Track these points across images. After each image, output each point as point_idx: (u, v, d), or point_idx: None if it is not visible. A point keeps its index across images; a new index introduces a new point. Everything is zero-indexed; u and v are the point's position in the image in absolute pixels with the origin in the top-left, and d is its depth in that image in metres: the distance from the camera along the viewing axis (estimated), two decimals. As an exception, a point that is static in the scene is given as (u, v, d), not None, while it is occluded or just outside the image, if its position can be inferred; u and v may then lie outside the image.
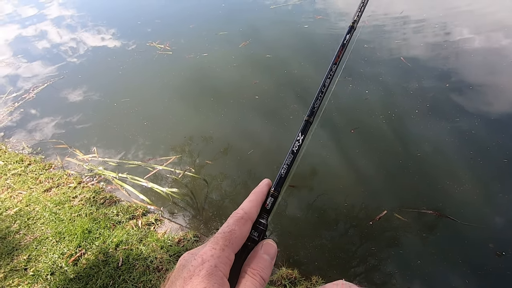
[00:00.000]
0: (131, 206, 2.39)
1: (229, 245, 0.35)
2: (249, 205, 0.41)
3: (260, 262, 0.36)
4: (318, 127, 3.00)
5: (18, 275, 1.89)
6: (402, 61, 3.61)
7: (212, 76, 3.84)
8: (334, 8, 5.14)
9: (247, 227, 0.38)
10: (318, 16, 4.85)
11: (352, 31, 0.58)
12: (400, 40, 4.03)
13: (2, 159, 2.97)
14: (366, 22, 4.52)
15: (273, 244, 0.38)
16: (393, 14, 4.69)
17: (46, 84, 4.31)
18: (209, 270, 0.32)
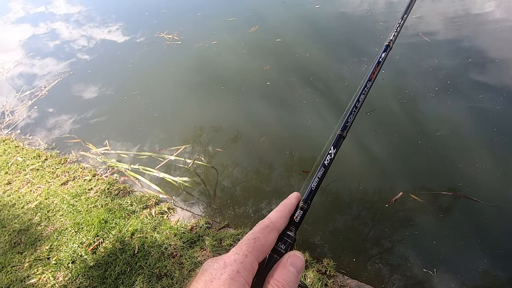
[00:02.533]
0: (144, 196, 2.48)
1: (253, 252, 0.35)
2: (276, 215, 0.40)
3: (285, 274, 0.35)
4: (332, 110, 2.97)
5: (42, 264, 2.03)
6: (420, 37, 3.46)
7: (222, 64, 3.84)
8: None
9: (273, 236, 0.38)
10: (331, -8, 4.70)
11: (388, 50, 0.58)
12: (418, 15, 3.84)
13: (20, 155, 3.14)
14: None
15: (301, 257, 0.37)
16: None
17: (57, 81, 4.47)
18: (230, 274, 0.31)
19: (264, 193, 2.37)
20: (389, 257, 1.85)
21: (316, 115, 2.85)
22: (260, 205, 2.33)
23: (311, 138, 2.65)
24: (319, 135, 2.64)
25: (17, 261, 2.07)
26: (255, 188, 2.44)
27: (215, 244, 2.00)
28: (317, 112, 2.87)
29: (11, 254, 2.11)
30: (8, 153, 3.18)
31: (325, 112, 2.86)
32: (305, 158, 2.50)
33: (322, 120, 2.80)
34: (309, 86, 3.16)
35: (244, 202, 2.38)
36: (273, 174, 2.47)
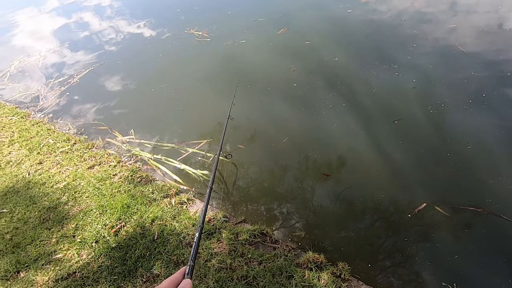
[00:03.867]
0: (165, 185, 2.59)
1: None
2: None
3: None
4: (359, 115, 2.98)
5: (68, 241, 2.17)
6: (456, 47, 3.38)
7: (249, 63, 3.93)
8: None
9: None
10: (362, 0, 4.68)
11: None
12: (455, 24, 3.76)
13: (51, 138, 3.36)
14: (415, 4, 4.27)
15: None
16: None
17: (88, 69, 4.73)
18: None
19: (281, 193, 2.41)
20: (406, 267, 1.84)
21: (341, 119, 2.86)
22: (277, 204, 2.38)
23: (334, 142, 2.67)
24: (343, 140, 2.65)
25: (45, 236, 2.23)
26: (273, 187, 2.49)
27: (232, 237, 2.06)
28: (343, 117, 2.88)
29: (40, 229, 2.28)
30: (40, 135, 3.41)
31: (350, 118, 2.86)
32: (327, 162, 2.52)
33: (347, 125, 2.80)
34: (335, 90, 3.18)
35: (261, 200, 2.43)
36: (293, 175, 2.51)
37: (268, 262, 1.89)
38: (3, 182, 2.76)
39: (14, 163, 3.00)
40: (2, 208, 2.47)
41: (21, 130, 3.51)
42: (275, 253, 1.96)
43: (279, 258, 1.92)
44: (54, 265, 1.99)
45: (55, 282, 1.87)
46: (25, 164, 2.98)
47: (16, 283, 1.89)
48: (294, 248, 2.01)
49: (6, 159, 3.06)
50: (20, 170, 2.90)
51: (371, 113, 2.84)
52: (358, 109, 2.93)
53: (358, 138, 2.63)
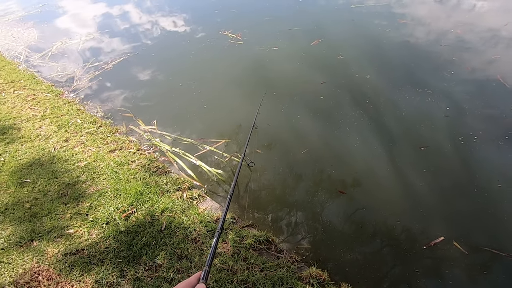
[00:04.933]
0: (179, 178, 2.66)
1: None
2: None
3: None
4: (383, 137, 2.91)
5: (81, 218, 2.28)
6: (498, 79, 3.25)
7: (279, 70, 3.98)
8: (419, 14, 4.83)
9: None
10: (401, 20, 4.62)
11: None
12: (498, 56, 3.62)
13: (80, 118, 3.55)
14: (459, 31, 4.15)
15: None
16: (494, 26, 4.22)
17: (122, 58, 4.97)
18: None
19: (293, 203, 2.40)
20: (415, 301, 1.77)
21: (364, 138, 2.82)
22: (286, 214, 2.37)
23: (354, 160, 2.63)
24: (363, 159, 2.61)
25: (60, 210, 2.34)
26: (285, 196, 2.48)
27: (237, 240, 2.08)
28: (367, 136, 2.84)
29: (57, 203, 2.40)
30: (70, 114, 3.61)
31: (374, 138, 2.81)
32: (344, 179, 2.49)
33: (370, 145, 2.76)
34: (363, 108, 3.14)
35: (271, 207, 2.43)
36: (307, 187, 2.49)
37: (270, 271, 1.88)
38: (31, 154, 2.94)
39: (42, 137, 3.19)
40: (26, 178, 2.63)
41: (53, 107, 3.74)
42: (278, 263, 1.95)
43: (282, 269, 1.91)
44: (65, 239, 2.09)
45: (63, 256, 1.96)
46: (52, 139, 3.16)
47: (29, 251, 2.00)
48: (298, 261, 1.99)
49: (36, 132, 3.27)
50: (47, 144, 3.08)
51: (397, 136, 2.78)
52: (384, 130, 2.88)
53: (380, 160, 2.57)
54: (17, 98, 3.95)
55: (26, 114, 3.60)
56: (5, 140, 3.14)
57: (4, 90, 4.17)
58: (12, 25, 6.91)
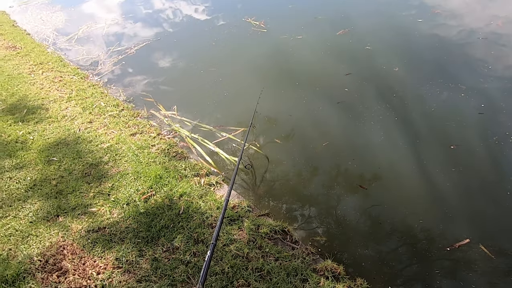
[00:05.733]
0: (197, 164, 2.69)
1: None
2: None
3: None
4: (410, 133, 2.79)
5: (103, 198, 2.36)
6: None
7: (302, 60, 3.88)
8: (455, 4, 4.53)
9: None
10: (436, 10, 4.35)
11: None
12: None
13: (103, 101, 3.64)
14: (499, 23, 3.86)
15: None
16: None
17: (145, 43, 5.03)
18: None
19: (310, 195, 2.37)
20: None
21: (389, 134, 2.71)
22: (303, 206, 2.35)
23: (378, 155, 2.55)
24: (387, 155, 2.52)
25: (84, 189, 2.44)
26: (303, 188, 2.46)
27: (253, 228, 2.09)
28: (392, 131, 2.73)
29: (81, 182, 2.50)
30: (94, 97, 3.72)
31: (400, 134, 2.70)
32: (366, 174, 2.42)
33: (395, 141, 2.65)
34: (389, 102, 3.01)
35: (287, 198, 2.42)
36: (326, 179, 2.45)
37: (285, 261, 1.89)
38: (57, 133, 3.06)
39: (68, 118, 3.31)
40: (53, 156, 2.75)
41: (79, 89, 3.85)
42: (293, 253, 1.95)
43: (297, 259, 1.90)
44: (88, 216, 2.18)
45: (86, 232, 2.05)
46: (77, 120, 3.27)
47: (55, 225, 2.11)
48: (313, 253, 1.98)
49: (62, 113, 3.39)
50: (73, 125, 3.19)
51: (425, 133, 2.65)
52: (411, 126, 2.75)
53: (405, 157, 2.48)
54: (45, 80, 4.10)
55: (53, 95, 3.74)
56: (34, 119, 3.28)
57: (34, 71, 4.34)
58: (41, 9, 7.13)
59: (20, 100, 3.63)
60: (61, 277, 1.74)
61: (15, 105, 3.54)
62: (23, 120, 3.26)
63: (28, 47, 5.14)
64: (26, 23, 6.47)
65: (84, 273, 1.77)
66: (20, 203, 2.28)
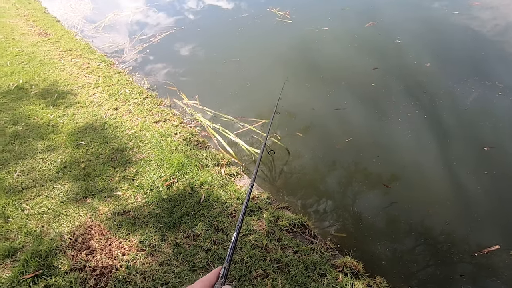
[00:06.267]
0: (218, 154, 2.72)
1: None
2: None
3: None
4: (440, 132, 2.69)
5: (128, 183, 2.44)
6: None
7: (328, 53, 3.79)
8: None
9: None
10: (475, 2, 4.09)
11: None
12: None
13: (128, 88, 3.73)
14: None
15: None
16: None
17: (169, 32, 5.07)
18: None
19: (331, 191, 2.34)
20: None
21: (418, 132, 2.61)
22: (324, 201, 2.33)
23: (404, 154, 2.47)
24: (414, 154, 2.44)
25: (110, 173, 2.53)
26: (324, 183, 2.43)
27: (272, 220, 2.10)
28: (420, 129, 2.63)
29: (108, 166, 2.59)
30: (120, 84, 3.81)
31: (429, 132, 2.60)
32: (390, 173, 2.36)
33: (423, 140, 2.56)
34: (418, 99, 2.90)
35: (308, 192, 2.40)
36: (348, 176, 2.41)
37: (304, 254, 1.89)
38: (85, 118, 3.18)
39: (95, 104, 3.42)
40: (81, 140, 2.86)
41: (105, 76, 3.96)
42: (312, 247, 1.95)
43: (315, 254, 1.90)
44: (114, 200, 2.27)
45: (112, 215, 2.13)
46: (104, 106, 3.38)
47: (83, 206, 2.21)
48: (332, 248, 1.97)
49: (90, 99, 3.51)
50: (100, 111, 3.30)
51: (456, 132, 2.53)
52: (442, 125, 2.64)
53: (433, 156, 2.38)
54: (74, 66, 4.25)
55: (82, 81, 3.87)
56: (64, 104, 3.42)
57: (63, 57, 4.50)
58: (70, -4, 7.33)
59: (51, 85, 3.79)
60: (89, 256, 1.84)
61: (47, 89, 3.70)
62: (54, 104, 3.41)
63: (58, 33, 5.32)
64: (56, 10, 6.70)
65: (110, 253, 1.86)
66: (52, 183, 2.40)
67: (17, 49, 4.71)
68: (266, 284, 1.76)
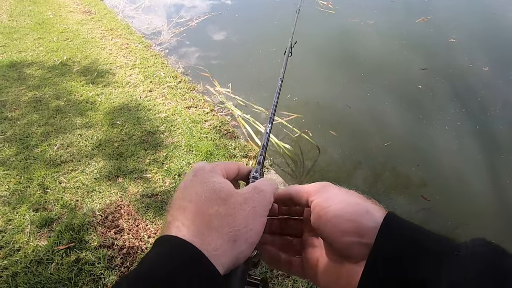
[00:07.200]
0: (246, 146, 2.68)
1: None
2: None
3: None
4: (494, 145, 2.43)
5: (157, 166, 2.49)
6: None
7: (372, 48, 3.56)
8: None
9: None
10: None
11: None
12: None
13: (163, 71, 3.77)
14: None
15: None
16: None
17: (206, 16, 5.04)
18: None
19: (364, 196, 2.23)
20: None
21: (467, 143, 2.39)
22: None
23: (448, 165, 2.27)
24: (460, 165, 2.24)
25: (141, 154, 2.59)
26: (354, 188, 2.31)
27: (298, 220, 2.04)
28: (470, 140, 2.40)
29: (139, 148, 2.65)
30: (155, 66, 3.86)
31: (480, 144, 2.37)
32: (431, 184, 2.19)
33: (472, 151, 2.33)
34: (472, 106, 2.64)
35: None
36: (384, 183, 2.27)
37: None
38: (121, 98, 3.27)
39: (131, 85, 3.50)
40: (116, 120, 2.95)
41: (142, 58, 4.03)
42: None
43: None
44: (143, 181, 2.32)
45: (141, 196, 2.19)
46: (139, 88, 3.45)
47: (115, 185, 2.29)
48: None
49: (127, 79, 3.60)
50: (135, 92, 3.38)
51: (503, 136, 2.29)
52: (496, 137, 2.39)
53: (481, 171, 2.17)
54: (114, 46, 4.36)
55: (120, 61, 3.96)
56: (103, 82, 3.53)
57: (104, 36, 4.64)
58: (114, -25, 7.50)
59: (92, 63, 3.93)
60: (118, 234, 1.90)
61: (87, 67, 3.84)
62: (93, 82, 3.53)
63: (101, 13, 5.48)
64: (100, -11, 6.87)
65: (137, 235, 1.91)
66: (87, 159, 2.50)
67: (63, 26, 4.93)
68: (287, 285, 1.73)
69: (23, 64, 3.91)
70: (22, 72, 3.75)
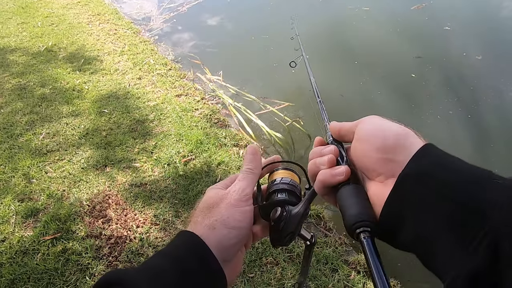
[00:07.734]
0: (237, 134, 2.66)
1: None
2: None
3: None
4: (486, 135, 2.41)
5: (146, 155, 2.46)
6: None
7: (366, 36, 3.50)
8: None
9: None
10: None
11: None
12: None
13: (153, 58, 3.68)
14: None
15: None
16: None
17: (197, 2, 4.89)
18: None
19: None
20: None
21: (458, 133, 2.39)
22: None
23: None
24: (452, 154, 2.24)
25: (130, 143, 2.55)
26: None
27: (288, 209, 2.05)
28: (462, 130, 2.40)
29: (128, 137, 2.61)
30: (144, 53, 3.77)
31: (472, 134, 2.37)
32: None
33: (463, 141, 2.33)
34: (464, 96, 2.63)
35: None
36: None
37: (316, 247, 1.84)
38: (109, 86, 3.19)
39: (120, 72, 3.42)
40: (104, 108, 2.89)
41: (131, 44, 3.92)
42: (325, 241, 1.90)
43: (328, 248, 1.85)
44: (132, 171, 2.29)
45: (130, 186, 2.16)
46: (128, 75, 3.37)
47: (102, 174, 2.26)
48: (346, 244, 1.91)
49: (115, 66, 3.50)
50: (123, 79, 3.30)
51: (505, 138, 2.29)
52: (487, 127, 2.40)
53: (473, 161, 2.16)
54: (101, 31, 4.23)
55: (108, 48, 3.85)
56: (90, 69, 3.44)
57: (91, 22, 4.49)
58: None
59: (78, 49, 3.81)
60: (105, 224, 1.88)
61: (74, 54, 3.73)
62: (80, 70, 3.43)
63: (88, -4, 5.28)
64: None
65: (125, 224, 1.90)
66: (74, 149, 2.46)
67: (48, 10, 4.75)
68: (275, 272, 1.74)
69: (6, 50, 3.78)
70: (5, 58, 3.62)
